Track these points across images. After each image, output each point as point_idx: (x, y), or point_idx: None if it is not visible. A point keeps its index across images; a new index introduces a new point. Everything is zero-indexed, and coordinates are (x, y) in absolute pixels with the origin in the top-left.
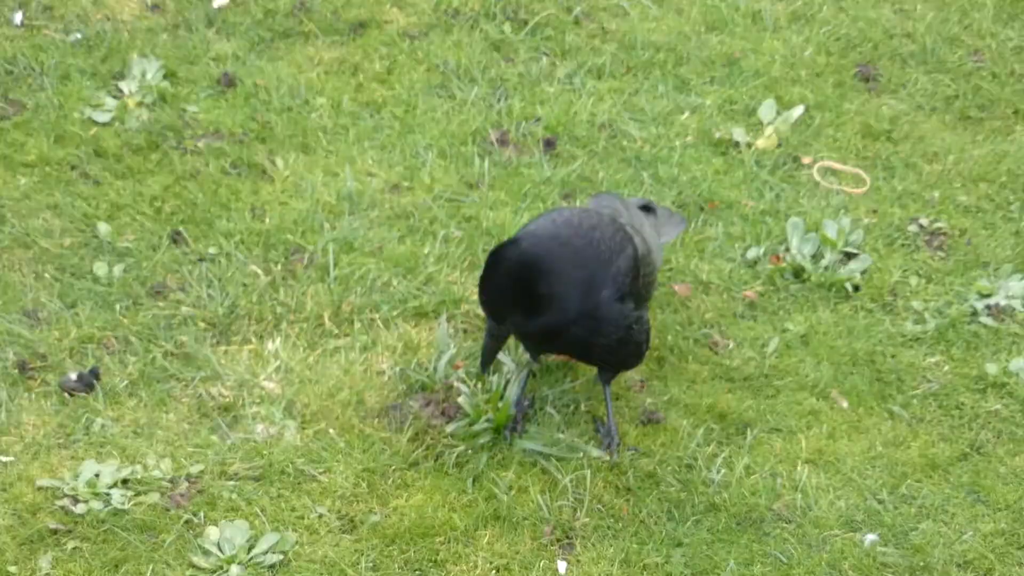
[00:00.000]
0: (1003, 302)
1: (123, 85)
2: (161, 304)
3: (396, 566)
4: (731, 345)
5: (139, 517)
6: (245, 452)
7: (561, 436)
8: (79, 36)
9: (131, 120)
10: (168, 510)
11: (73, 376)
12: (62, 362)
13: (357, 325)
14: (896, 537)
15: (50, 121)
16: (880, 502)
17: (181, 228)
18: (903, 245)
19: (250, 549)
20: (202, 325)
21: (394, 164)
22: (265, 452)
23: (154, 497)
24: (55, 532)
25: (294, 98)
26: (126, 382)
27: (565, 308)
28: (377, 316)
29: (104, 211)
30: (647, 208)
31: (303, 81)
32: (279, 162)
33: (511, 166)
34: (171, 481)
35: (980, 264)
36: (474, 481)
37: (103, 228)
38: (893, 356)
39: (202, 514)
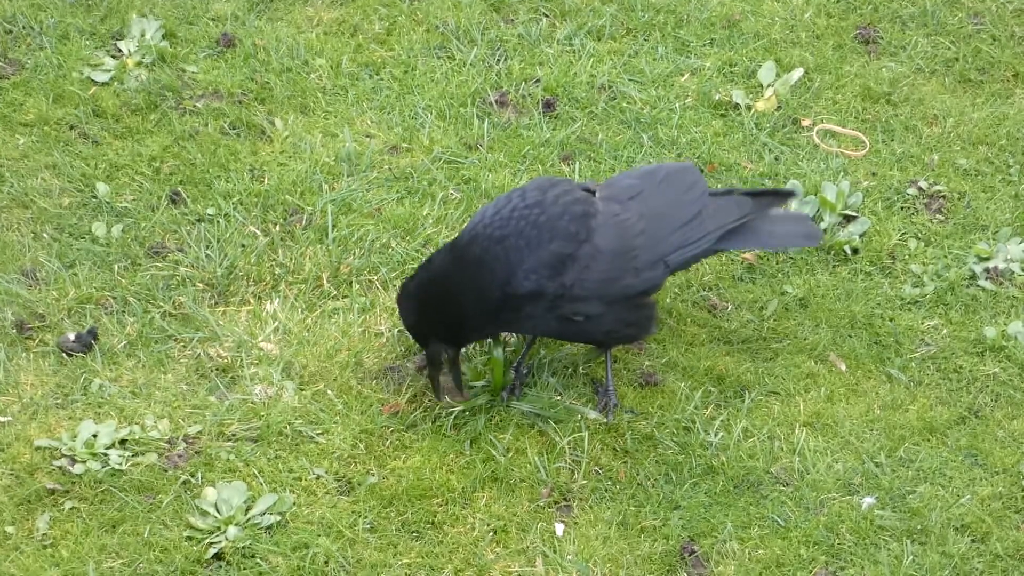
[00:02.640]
0: (1002, 265)
1: (122, 45)
2: (159, 264)
3: (394, 527)
4: (729, 308)
5: (137, 478)
6: (243, 413)
7: (559, 398)
8: None
9: (130, 80)
10: (166, 471)
11: (71, 336)
12: (60, 322)
13: (355, 286)
14: (893, 500)
15: (49, 81)
16: (878, 465)
17: (180, 188)
18: (902, 208)
19: (247, 510)
20: (200, 286)
21: (393, 125)
22: (263, 413)
23: (152, 458)
24: (53, 492)
25: (293, 59)
26: (124, 342)
27: (468, 326)
28: (376, 278)
29: (103, 171)
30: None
31: (302, 42)
32: (278, 123)
33: (510, 127)
34: (169, 442)
35: (979, 227)
36: (472, 443)
37: (102, 188)
38: (891, 319)
39: (200, 475)
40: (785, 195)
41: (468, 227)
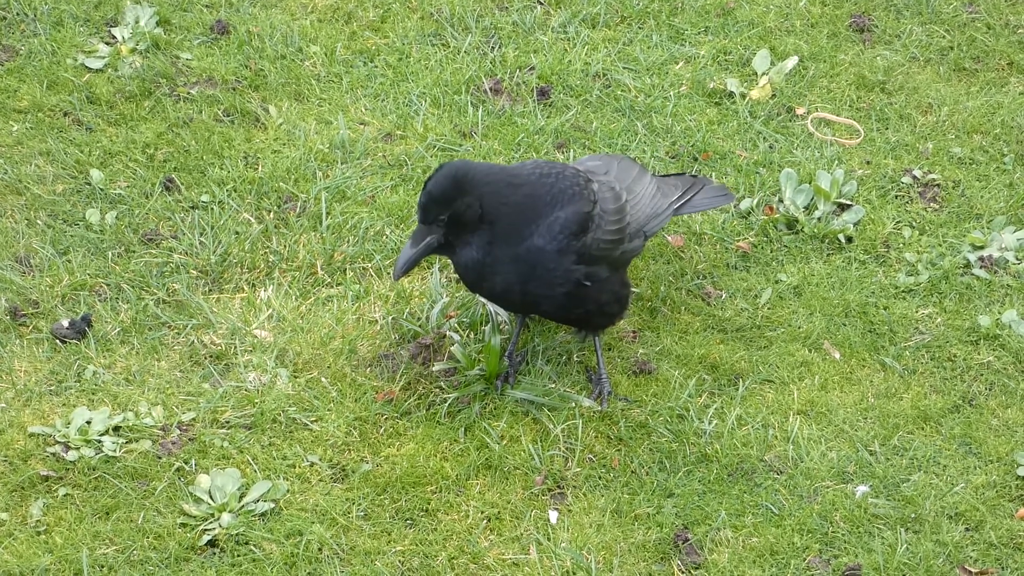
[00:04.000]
0: (996, 254)
1: (116, 32)
2: (153, 251)
3: (387, 515)
4: (724, 296)
5: (130, 464)
6: (237, 400)
7: (553, 386)
8: None
9: (124, 67)
10: (159, 458)
11: (65, 323)
12: (54, 309)
13: (350, 274)
14: (887, 488)
15: (43, 67)
16: (872, 453)
17: (174, 175)
18: (896, 196)
19: (241, 497)
20: (194, 273)
21: (387, 113)
22: (257, 400)
23: (145, 444)
24: (46, 479)
25: (287, 46)
26: (118, 329)
27: (488, 238)
28: (370, 265)
29: (97, 158)
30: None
31: (297, 29)
32: (272, 110)
33: (504, 115)
34: (163, 429)
35: (973, 216)
36: (466, 430)
37: (96, 175)
38: (886, 308)
39: (193, 462)
40: (695, 179)
41: (520, 166)
